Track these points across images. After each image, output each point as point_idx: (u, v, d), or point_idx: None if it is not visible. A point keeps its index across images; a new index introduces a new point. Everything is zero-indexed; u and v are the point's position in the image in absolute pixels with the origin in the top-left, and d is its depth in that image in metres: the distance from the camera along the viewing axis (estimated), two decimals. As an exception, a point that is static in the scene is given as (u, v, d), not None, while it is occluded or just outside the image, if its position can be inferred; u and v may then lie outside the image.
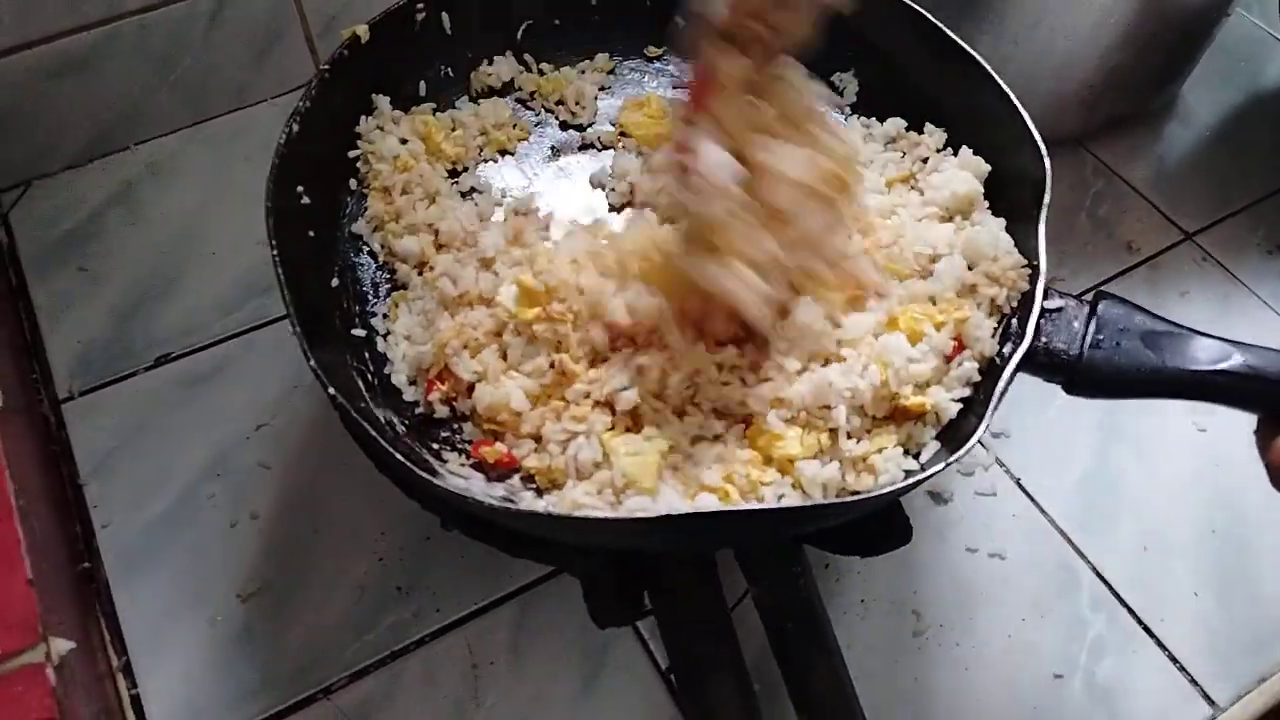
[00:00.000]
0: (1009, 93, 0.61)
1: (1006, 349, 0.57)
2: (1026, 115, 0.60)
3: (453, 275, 0.63)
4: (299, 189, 0.63)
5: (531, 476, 0.58)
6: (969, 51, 0.64)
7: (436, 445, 0.60)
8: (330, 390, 0.51)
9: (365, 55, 0.67)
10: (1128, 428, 0.74)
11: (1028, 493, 0.71)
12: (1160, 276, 0.83)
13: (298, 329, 0.54)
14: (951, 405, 0.56)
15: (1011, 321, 0.58)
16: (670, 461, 0.56)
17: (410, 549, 0.66)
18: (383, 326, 0.65)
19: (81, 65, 0.81)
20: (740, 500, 0.54)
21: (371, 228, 0.68)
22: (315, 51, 0.90)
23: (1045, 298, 0.54)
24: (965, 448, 0.50)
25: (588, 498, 0.55)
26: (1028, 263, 0.58)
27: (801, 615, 0.58)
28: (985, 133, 0.65)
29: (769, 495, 0.55)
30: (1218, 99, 0.96)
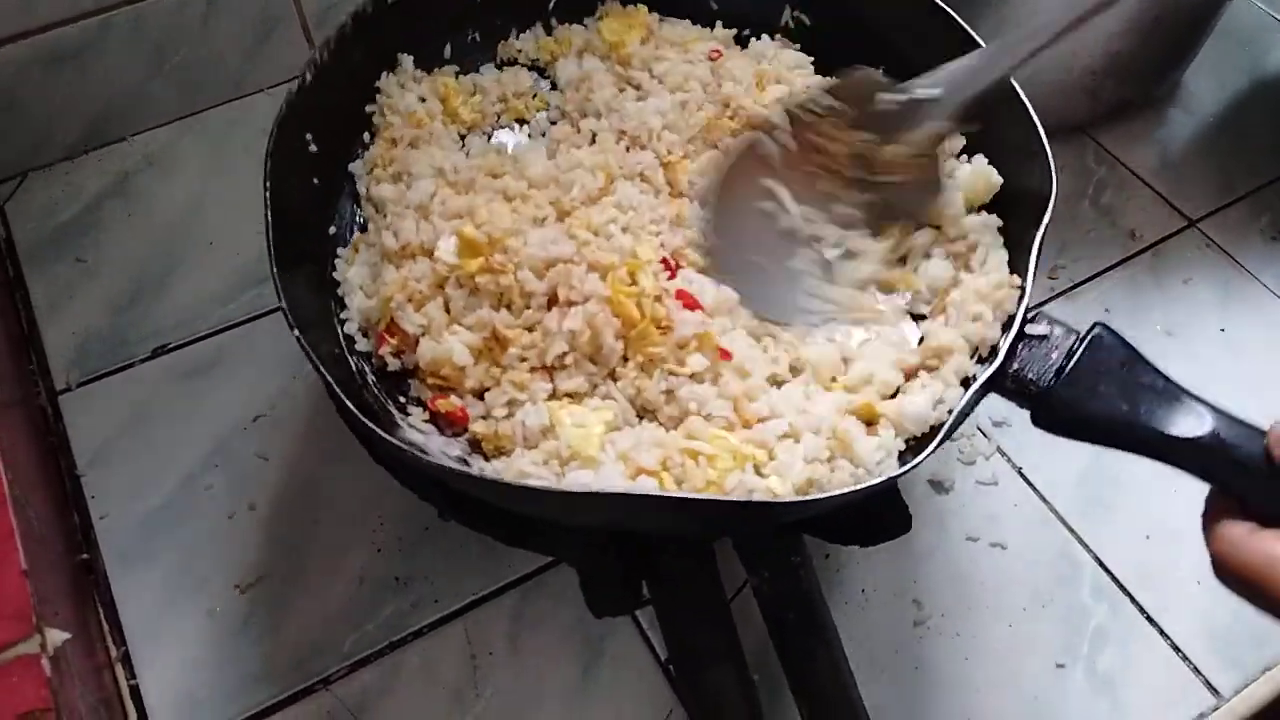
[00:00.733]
0: (1028, 107, 0.58)
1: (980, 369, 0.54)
2: (1043, 132, 0.57)
3: (395, 228, 0.62)
4: (307, 136, 0.62)
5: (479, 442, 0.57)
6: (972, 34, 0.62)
7: (404, 399, 0.59)
8: (283, 305, 0.52)
9: (391, 12, 0.67)
10: (1130, 416, 0.74)
11: (1029, 481, 0.71)
12: (1163, 264, 0.83)
13: (272, 253, 0.54)
14: (917, 418, 0.54)
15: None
16: (614, 439, 0.54)
17: (409, 539, 0.66)
18: (341, 273, 0.63)
19: (76, 55, 0.81)
20: (673, 486, 0.52)
21: (365, 170, 0.67)
22: (311, 41, 0.89)
23: (1033, 322, 0.51)
24: (912, 464, 0.49)
25: (534, 467, 0.54)
26: (1017, 285, 0.55)
27: (801, 605, 0.58)
28: (995, 140, 0.62)
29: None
30: (1221, 85, 0.96)
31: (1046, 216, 0.54)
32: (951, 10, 0.64)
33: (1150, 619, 0.65)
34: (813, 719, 0.55)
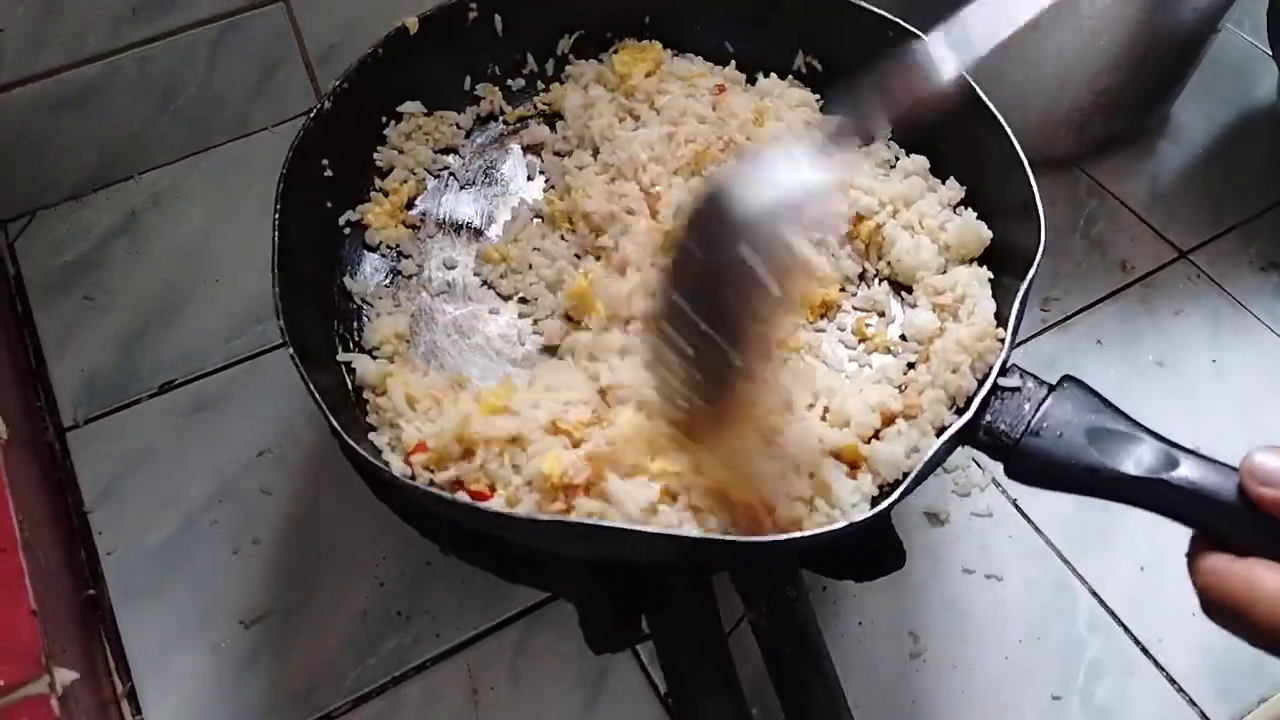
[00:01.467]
0: (1018, 148, 0.59)
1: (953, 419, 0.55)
2: (1034, 181, 0.58)
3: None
4: (323, 162, 0.64)
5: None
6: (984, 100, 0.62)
7: None
8: (280, 323, 0.53)
9: (410, 47, 0.68)
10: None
11: (1024, 513, 0.71)
12: (1154, 295, 0.84)
13: (276, 273, 0.55)
14: (891, 463, 0.54)
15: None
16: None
17: (411, 574, 0.67)
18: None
19: (84, 98, 0.83)
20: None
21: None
22: (315, 79, 0.91)
23: (1005, 374, 0.52)
24: (876, 509, 0.49)
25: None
26: (1000, 336, 0.56)
27: (797, 638, 0.58)
28: (988, 186, 0.64)
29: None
30: (1209, 116, 0.97)
31: (1031, 272, 0.55)
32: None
33: (1145, 650, 0.66)
34: (810, 752, 0.56)
